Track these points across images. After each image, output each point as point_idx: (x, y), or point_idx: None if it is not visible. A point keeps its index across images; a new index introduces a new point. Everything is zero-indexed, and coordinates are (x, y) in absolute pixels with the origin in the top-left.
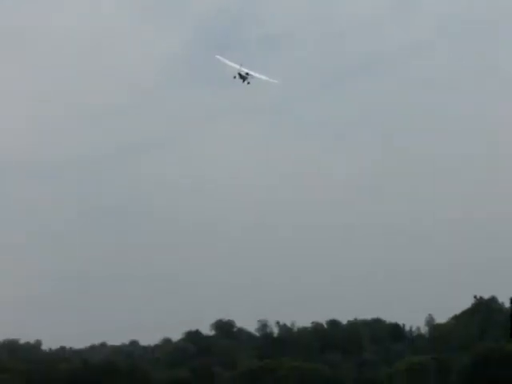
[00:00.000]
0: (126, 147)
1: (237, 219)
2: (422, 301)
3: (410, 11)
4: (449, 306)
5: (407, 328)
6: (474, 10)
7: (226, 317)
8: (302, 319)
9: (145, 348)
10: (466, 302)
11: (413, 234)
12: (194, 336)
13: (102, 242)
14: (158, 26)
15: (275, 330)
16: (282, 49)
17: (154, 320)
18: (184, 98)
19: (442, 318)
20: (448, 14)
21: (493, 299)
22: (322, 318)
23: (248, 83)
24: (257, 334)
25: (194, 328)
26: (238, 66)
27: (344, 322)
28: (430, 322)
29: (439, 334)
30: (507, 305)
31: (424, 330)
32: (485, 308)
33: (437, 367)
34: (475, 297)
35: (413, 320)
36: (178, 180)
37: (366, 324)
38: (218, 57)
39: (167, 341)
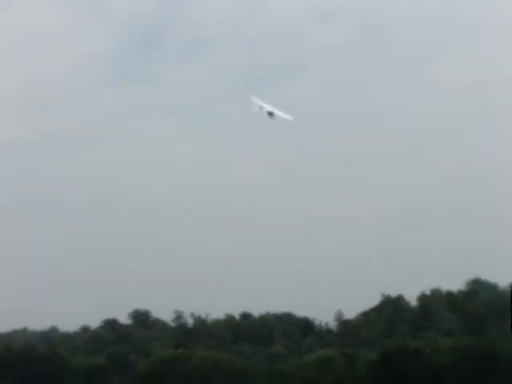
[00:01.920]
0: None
1: (149, 208)
2: (331, 296)
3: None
4: (357, 302)
5: (317, 323)
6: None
7: (142, 306)
8: (215, 311)
9: (64, 334)
10: (374, 300)
11: (322, 231)
12: (111, 324)
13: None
14: (83, 23)
15: (190, 321)
16: (205, 51)
17: (73, 307)
18: (107, 96)
19: (350, 314)
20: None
21: (400, 297)
22: (235, 311)
23: (273, 118)
24: (172, 325)
25: (112, 316)
26: (269, 107)
27: (256, 315)
28: (338, 317)
29: (347, 329)
30: (413, 303)
31: (333, 325)
32: (392, 306)
33: (344, 361)
34: (383, 295)
35: (322, 315)
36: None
37: (277, 318)
38: (252, 98)
39: (86, 328)
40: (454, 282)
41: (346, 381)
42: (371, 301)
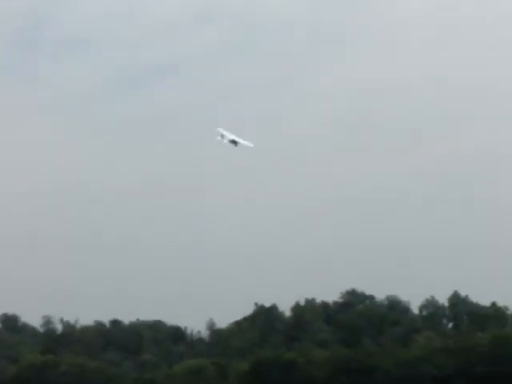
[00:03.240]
0: None
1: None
2: (203, 305)
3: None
4: (230, 311)
5: (188, 331)
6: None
7: (11, 311)
8: (85, 317)
9: None
10: (247, 309)
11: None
12: None
13: None
14: None
15: (59, 327)
16: (90, 49)
17: None
18: None
19: (222, 323)
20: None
21: (273, 307)
22: (105, 318)
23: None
24: (41, 330)
25: None
26: (232, 136)
27: (126, 322)
28: (210, 326)
29: (219, 338)
30: (287, 314)
31: (205, 334)
32: (265, 315)
33: (216, 371)
34: (256, 304)
35: (194, 324)
36: None
37: (147, 325)
38: (219, 129)
39: None
40: (329, 293)
41: None
42: (244, 310)
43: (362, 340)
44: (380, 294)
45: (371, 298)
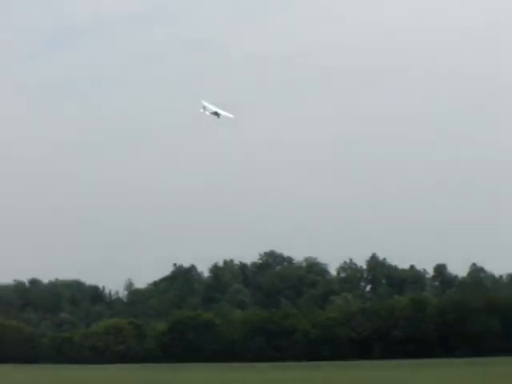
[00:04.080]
0: None
1: None
2: (122, 265)
3: None
4: (149, 272)
5: (107, 291)
6: None
7: None
8: (4, 276)
9: None
10: (166, 269)
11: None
12: None
13: None
14: None
15: None
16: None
17: None
18: None
19: (141, 284)
20: None
21: (192, 268)
22: (24, 276)
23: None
24: None
25: None
26: (214, 108)
27: (45, 281)
28: (128, 286)
29: (137, 298)
30: (206, 274)
31: (123, 294)
32: (183, 276)
33: (133, 331)
34: (175, 264)
35: (112, 284)
36: None
37: (66, 285)
38: (202, 101)
39: None
40: (247, 255)
41: (135, 350)
42: (163, 271)
43: (280, 301)
44: (298, 255)
45: (289, 259)
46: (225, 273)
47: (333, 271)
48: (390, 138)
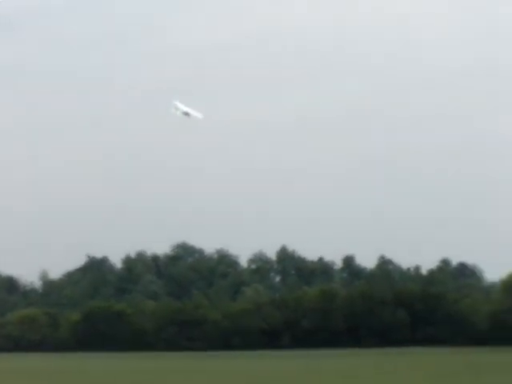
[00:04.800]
0: None
1: None
2: (36, 255)
3: None
4: (63, 262)
5: (22, 281)
6: None
7: None
8: None
9: None
10: (80, 260)
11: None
12: None
13: None
14: None
15: None
16: None
17: None
18: None
19: (55, 274)
20: None
21: (105, 259)
22: None
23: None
24: None
25: None
26: (184, 108)
27: None
28: (43, 277)
29: (51, 289)
30: (119, 265)
31: (37, 284)
32: (96, 267)
33: (48, 321)
34: (87, 255)
35: (27, 274)
36: None
37: None
38: (176, 103)
39: None
40: (159, 246)
41: (50, 340)
42: (76, 261)
43: (192, 292)
44: (209, 247)
45: (201, 251)
46: (137, 264)
47: (244, 263)
48: None
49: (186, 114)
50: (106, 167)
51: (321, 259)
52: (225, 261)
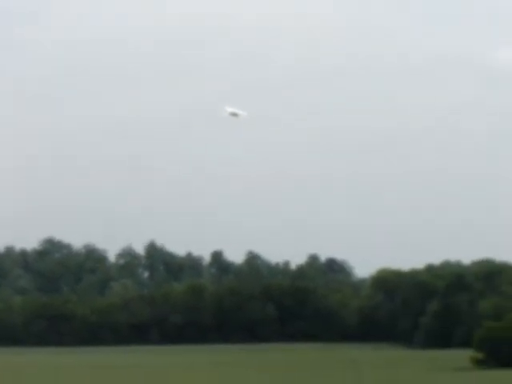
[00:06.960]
0: None
1: None
2: None
3: None
4: None
5: None
6: None
7: None
8: None
9: None
10: None
11: None
12: None
13: None
14: None
15: None
16: None
17: None
18: None
19: None
20: None
21: None
22: None
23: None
24: None
25: None
26: (232, 109)
27: None
28: None
29: None
30: None
31: None
32: None
33: None
34: None
35: None
36: None
37: None
38: (226, 108)
39: None
40: (27, 241)
41: None
42: None
43: (60, 287)
44: (77, 242)
45: (68, 246)
46: (5, 259)
47: (112, 258)
48: None
49: (234, 114)
50: None
51: (189, 254)
52: (93, 256)
